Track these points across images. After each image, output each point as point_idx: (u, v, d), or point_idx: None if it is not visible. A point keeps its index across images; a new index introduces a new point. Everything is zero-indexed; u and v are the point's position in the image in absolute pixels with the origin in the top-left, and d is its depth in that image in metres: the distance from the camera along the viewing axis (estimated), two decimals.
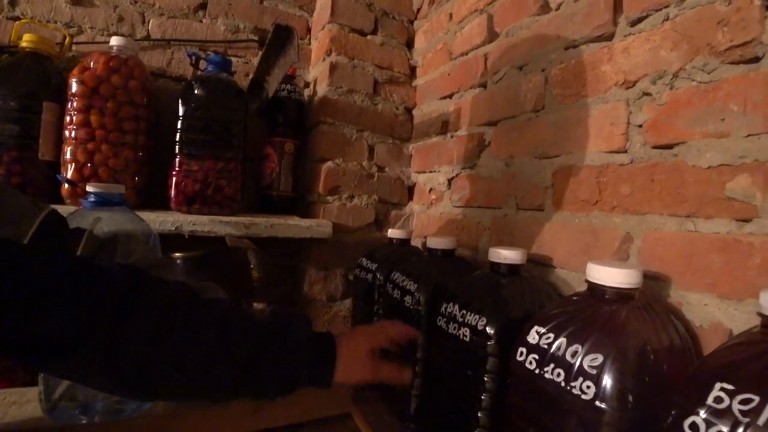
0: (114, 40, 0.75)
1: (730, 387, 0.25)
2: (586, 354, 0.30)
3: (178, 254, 0.72)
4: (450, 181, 0.86)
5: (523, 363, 0.35)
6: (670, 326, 0.36)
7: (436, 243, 0.66)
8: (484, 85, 0.80)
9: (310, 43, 1.07)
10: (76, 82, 0.70)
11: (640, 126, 0.51)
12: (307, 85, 1.05)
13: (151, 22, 0.92)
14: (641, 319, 0.33)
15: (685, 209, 0.45)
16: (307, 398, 0.64)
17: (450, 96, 0.90)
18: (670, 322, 0.37)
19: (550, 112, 0.64)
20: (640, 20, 0.53)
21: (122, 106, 0.71)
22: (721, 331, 0.40)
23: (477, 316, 0.46)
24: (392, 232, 0.81)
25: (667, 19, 0.50)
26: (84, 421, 0.57)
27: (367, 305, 0.75)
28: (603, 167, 0.55)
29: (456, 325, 0.49)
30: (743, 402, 0.24)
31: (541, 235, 0.63)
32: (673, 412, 0.26)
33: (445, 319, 0.51)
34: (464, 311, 0.48)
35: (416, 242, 0.94)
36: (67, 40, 0.79)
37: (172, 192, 0.73)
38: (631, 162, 0.52)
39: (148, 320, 0.38)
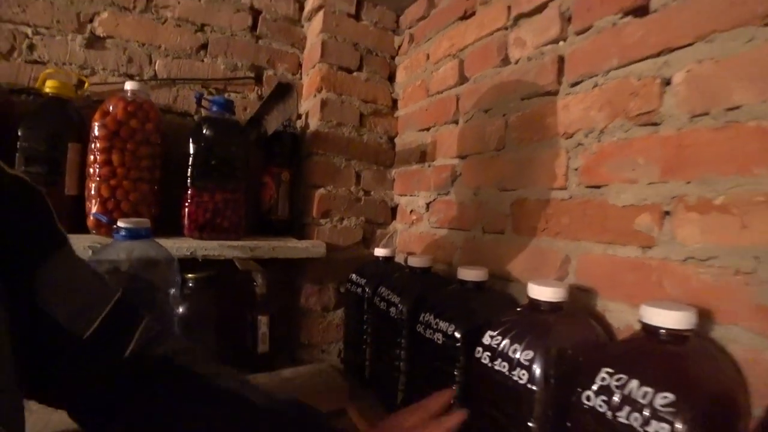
0: (129, 85, 0.85)
1: (610, 370, 0.37)
2: (522, 351, 0.43)
3: (191, 275, 0.82)
4: (428, 204, 0.98)
5: (480, 359, 0.47)
6: (589, 329, 0.49)
7: (416, 262, 0.78)
8: (456, 122, 0.93)
9: (301, 78, 1.18)
10: (98, 125, 0.79)
11: (577, 169, 0.64)
12: (299, 116, 1.16)
13: (157, 63, 1.02)
14: (565, 324, 0.46)
15: (608, 237, 0.59)
16: (305, 397, 0.74)
17: (428, 129, 1.02)
18: (589, 325, 0.49)
19: (509, 152, 0.77)
20: (577, 83, 0.66)
21: (140, 146, 0.81)
22: (631, 331, 0.53)
23: (448, 324, 0.58)
24: (378, 251, 0.92)
25: (596, 86, 0.63)
26: None
27: (358, 315, 0.86)
28: (549, 201, 0.68)
29: (431, 330, 0.61)
30: (617, 380, 0.37)
31: (502, 254, 0.76)
32: (577, 389, 0.39)
33: (423, 326, 0.63)
34: (438, 320, 0.60)
35: (400, 257, 1.06)
36: (86, 84, 0.89)
37: (186, 221, 0.83)
38: (570, 198, 0.65)
39: (176, 411, 0.43)
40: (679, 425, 0.32)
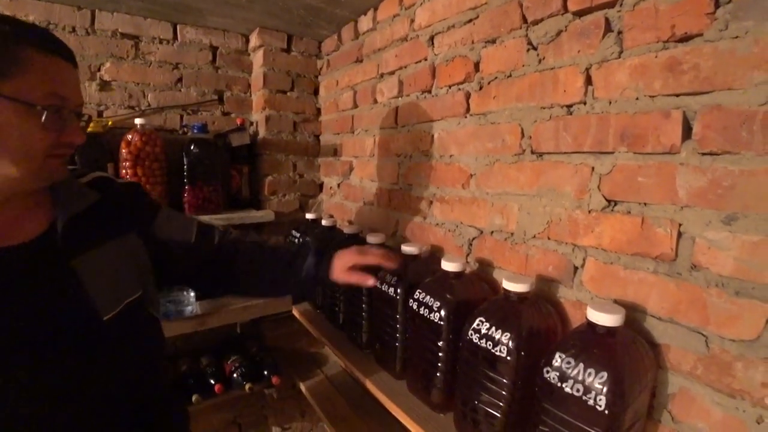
0: (138, 120, 1.33)
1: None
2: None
3: None
4: (338, 185, 1.55)
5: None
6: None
7: (326, 222, 1.36)
8: (352, 132, 1.47)
9: (251, 96, 1.67)
10: (125, 152, 1.29)
11: (401, 174, 1.22)
12: (252, 123, 1.66)
13: (149, 96, 1.48)
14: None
15: (411, 213, 1.18)
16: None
17: (338, 134, 1.56)
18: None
19: (375, 159, 1.33)
20: (403, 126, 1.22)
21: (153, 162, 1.32)
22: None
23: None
24: (308, 216, 1.49)
25: (409, 131, 1.19)
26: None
27: None
28: (391, 190, 1.26)
29: None
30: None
31: (373, 217, 1.35)
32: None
33: None
34: None
35: (325, 217, 1.63)
36: (109, 122, 1.37)
37: (186, 205, 1.36)
38: (400, 189, 1.23)
39: (246, 267, 0.81)
40: None
